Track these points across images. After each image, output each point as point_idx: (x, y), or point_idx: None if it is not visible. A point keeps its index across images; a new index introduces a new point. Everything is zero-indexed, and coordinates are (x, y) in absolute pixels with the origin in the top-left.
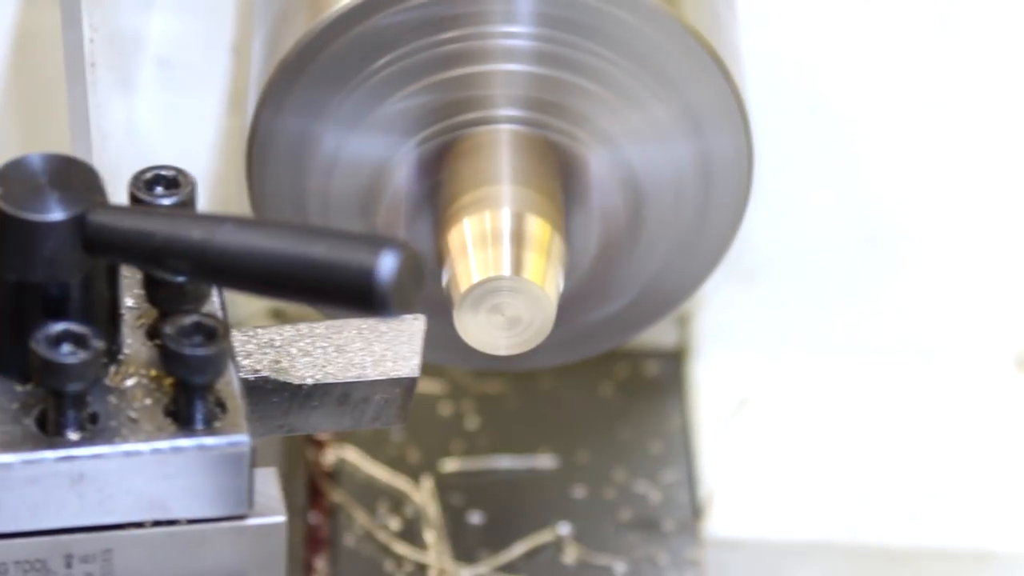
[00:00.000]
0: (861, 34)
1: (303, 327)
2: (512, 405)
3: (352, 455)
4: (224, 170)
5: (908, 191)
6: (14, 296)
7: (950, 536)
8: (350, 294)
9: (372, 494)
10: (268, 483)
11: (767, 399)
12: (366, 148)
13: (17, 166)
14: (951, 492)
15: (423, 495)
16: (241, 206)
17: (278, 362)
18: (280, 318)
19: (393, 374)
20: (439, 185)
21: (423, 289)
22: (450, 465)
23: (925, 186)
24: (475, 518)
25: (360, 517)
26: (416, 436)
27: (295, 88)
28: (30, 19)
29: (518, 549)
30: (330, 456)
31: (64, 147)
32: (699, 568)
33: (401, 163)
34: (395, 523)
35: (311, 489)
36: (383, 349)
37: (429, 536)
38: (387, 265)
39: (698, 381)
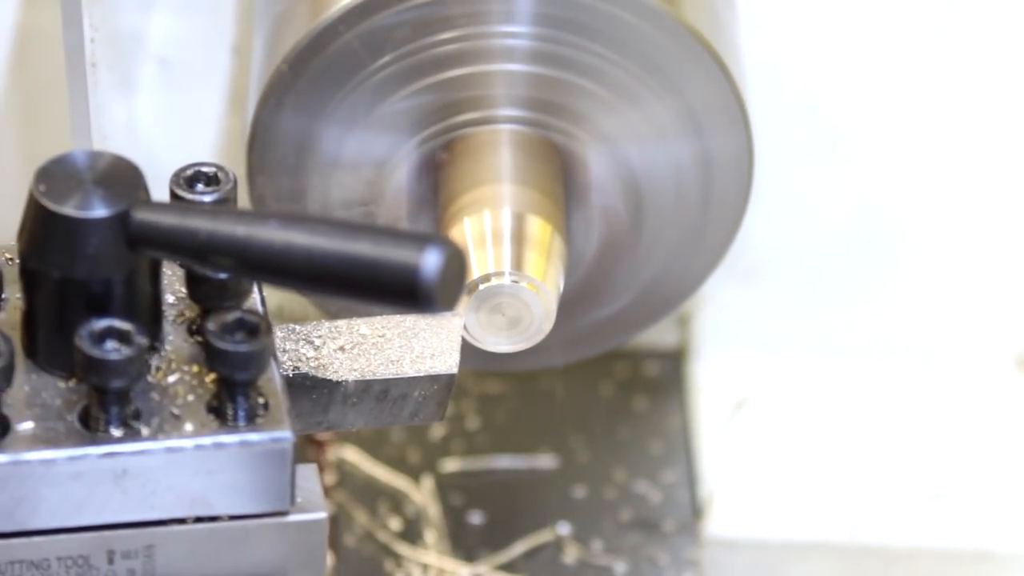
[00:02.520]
0: (861, 34)
1: (342, 324)
2: (512, 405)
3: (352, 455)
4: None
5: (908, 191)
6: (58, 293)
7: (950, 536)
8: (395, 291)
9: (372, 494)
10: (309, 479)
11: (767, 399)
12: (366, 148)
13: (60, 163)
14: (951, 492)
15: (423, 495)
16: (241, 205)
17: (318, 359)
18: (279, 317)
19: (431, 371)
20: (439, 185)
21: (465, 286)
22: (450, 465)
23: (925, 186)
24: (475, 518)
25: (360, 517)
26: (416, 436)
27: (295, 88)
28: (30, 19)
29: (518, 549)
30: (330, 456)
31: (64, 147)
32: (699, 568)
33: (401, 163)
34: (395, 523)
35: None
36: (421, 346)
37: (429, 536)
38: (432, 262)
39: (698, 381)
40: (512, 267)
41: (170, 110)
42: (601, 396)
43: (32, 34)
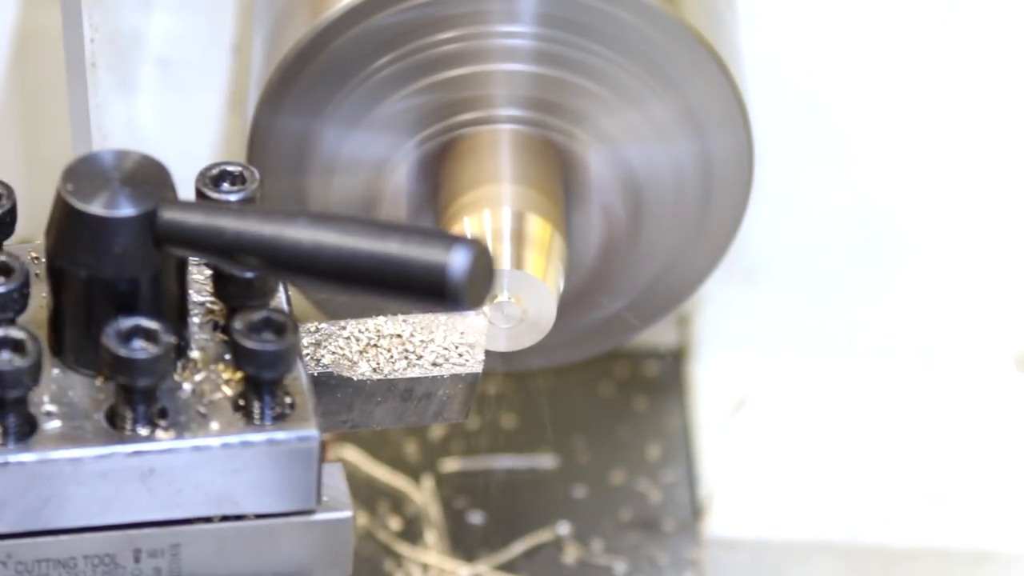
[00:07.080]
0: (861, 34)
1: (367, 322)
2: (512, 405)
3: (352, 455)
4: None
5: (908, 191)
6: (85, 291)
7: (950, 536)
8: (423, 289)
9: (372, 494)
10: (335, 478)
11: (767, 399)
12: (366, 148)
13: (87, 162)
14: (951, 492)
15: (423, 495)
16: None
17: (342, 358)
18: None
19: (456, 370)
20: (439, 185)
21: (492, 285)
22: (450, 465)
23: (925, 186)
24: (475, 518)
25: (360, 517)
26: (416, 436)
27: (295, 88)
28: (30, 19)
29: (518, 549)
30: (330, 456)
31: (64, 147)
32: (699, 568)
33: (401, 163)
34: (395, 523)
35: None
36: (446, 345)
37: (429, 536)
38: (460, 261)
39: (698, 381)
40: (512, 266)
41: (170, 110)
42: (601, 396)
43: (32, 34)
